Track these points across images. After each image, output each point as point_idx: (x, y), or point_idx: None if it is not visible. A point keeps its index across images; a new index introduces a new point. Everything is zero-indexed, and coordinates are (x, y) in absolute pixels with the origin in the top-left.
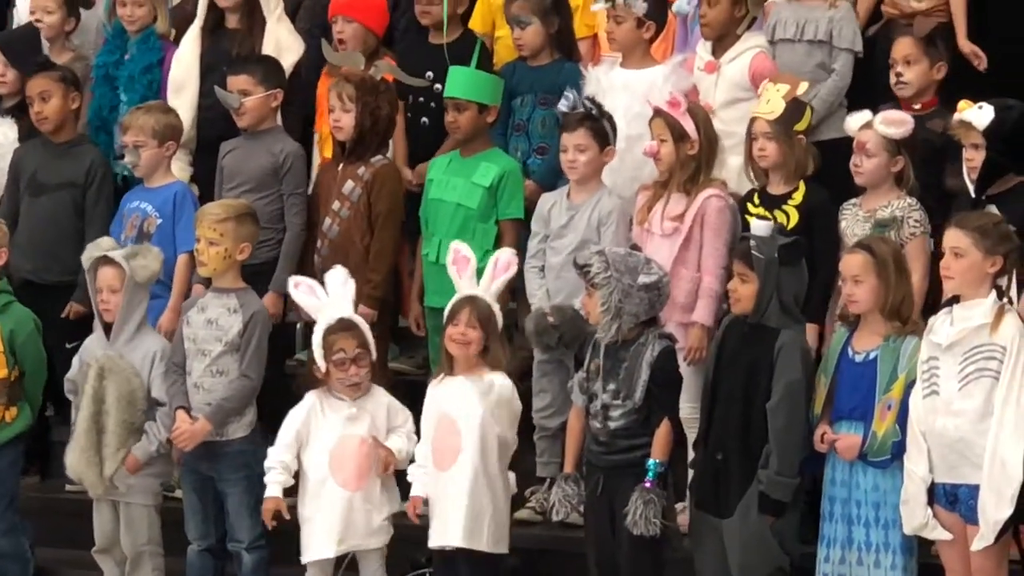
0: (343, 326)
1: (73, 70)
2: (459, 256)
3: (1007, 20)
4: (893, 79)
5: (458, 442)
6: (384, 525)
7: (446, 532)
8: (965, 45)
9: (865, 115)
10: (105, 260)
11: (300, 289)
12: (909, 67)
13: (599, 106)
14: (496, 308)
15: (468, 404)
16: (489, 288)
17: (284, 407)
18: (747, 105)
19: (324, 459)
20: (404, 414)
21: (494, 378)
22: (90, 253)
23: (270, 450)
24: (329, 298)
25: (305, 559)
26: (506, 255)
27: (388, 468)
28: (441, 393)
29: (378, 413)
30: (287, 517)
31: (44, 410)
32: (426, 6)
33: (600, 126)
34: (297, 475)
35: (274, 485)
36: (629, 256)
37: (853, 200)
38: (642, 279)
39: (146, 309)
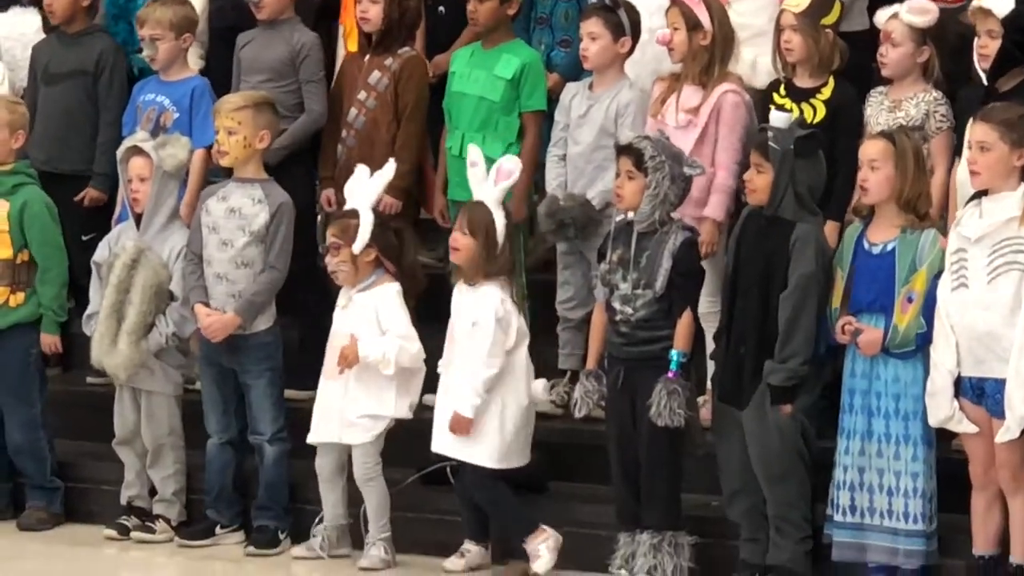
0: (337, 215)
1: None
2: (472, 160)
3: None
4: None
5: (451, 349)
6: (362, 423)
7: (437, 439)
8: None
9: (892, 8)
10: (136, 150)
11: (355, 175)
12: None
13: None
14: (498, 214)
15: (463, 312)
16: (492, 193)
17: (310, 300)
18: None
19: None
20: (395, 321)
21: (486, 290)
22: (124, 145)
23: None
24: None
25: None
26: (509, 162)
27: (345, 363)
28: (454, 297)
29: (367, 312)
30: None
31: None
32: None
33: (615, 16)
34: None
35: None
36: (671, 144)
37: (880, 88)
38: (687, 170)
39: (176, 201)
